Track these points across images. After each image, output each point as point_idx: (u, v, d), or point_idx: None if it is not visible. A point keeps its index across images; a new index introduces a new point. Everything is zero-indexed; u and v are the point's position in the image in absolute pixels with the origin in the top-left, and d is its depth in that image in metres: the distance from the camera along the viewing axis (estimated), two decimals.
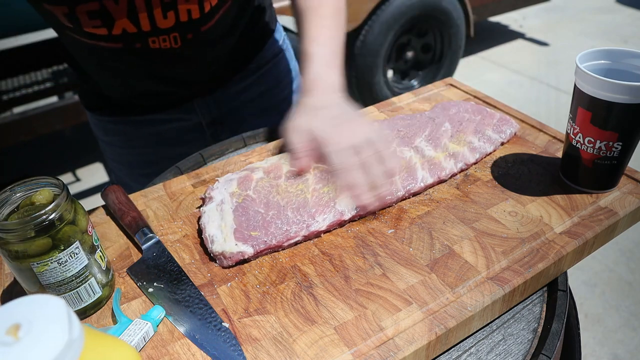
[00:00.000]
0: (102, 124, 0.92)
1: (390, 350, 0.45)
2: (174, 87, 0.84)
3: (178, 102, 0.88)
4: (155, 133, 0.90)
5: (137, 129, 0.90)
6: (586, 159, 0.60)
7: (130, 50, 0.73)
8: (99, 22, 0.67)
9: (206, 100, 0.89)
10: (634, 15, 4.12)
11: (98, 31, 0.69)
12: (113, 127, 0.91)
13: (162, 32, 0.71)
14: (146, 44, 0.72)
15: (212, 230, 0.56)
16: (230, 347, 0.46)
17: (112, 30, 0.69)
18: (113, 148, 0.95)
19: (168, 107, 0.88)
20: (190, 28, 0.73)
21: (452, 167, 0.65)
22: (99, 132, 0.94)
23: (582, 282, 1.82)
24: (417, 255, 0.54)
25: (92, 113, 0.92)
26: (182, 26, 0.72)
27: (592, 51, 0.61)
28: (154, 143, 0.91)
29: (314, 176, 0.64)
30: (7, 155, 2.75)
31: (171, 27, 0.71)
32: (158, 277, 0.54)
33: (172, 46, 0.74)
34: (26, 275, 0.46)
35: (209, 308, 0.50)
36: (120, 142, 0.93)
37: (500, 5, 3.21)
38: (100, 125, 0.92)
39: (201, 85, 0.87)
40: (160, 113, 0.88)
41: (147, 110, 0.88)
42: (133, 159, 0.94)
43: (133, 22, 0.69)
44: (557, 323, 0.51)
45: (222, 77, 0.88)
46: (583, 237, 0.55)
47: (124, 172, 0.97)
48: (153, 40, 0.72)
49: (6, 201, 0.47)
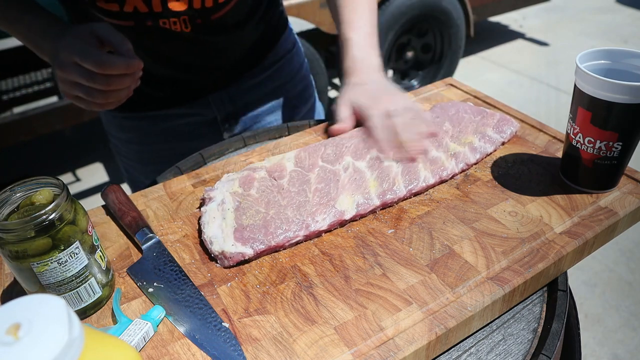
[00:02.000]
0: (117, 120, 0.92)
1: (390, 350, 0.45)
2: (185, 74, 0.85)
3: (192, 96, 0.89)
4: (171, 128, 0.91)
5: (151, 124, 0.90)
6: (586, 159, 0.60)
7: (142, 30, 0.74)
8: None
9: (220, 95, 0.90)
10: (634, 15, 4.12)
11: (110, 7, 0.70)
12: (128, 123, 0.92)
13: (173, 15, 0.73)
14: (156, 24, 0.73)
15: (212, 230, 0.56)
16: (230, 347, 0.46)
17: (124, 7, 0.70)
18: (127, 145, 0.95)
19: (182, 101, 0.89)
20: (200, 14, 0.75)
21: (454, 167, 0.66)
22: (113, 129, 0.95)
23: (582, 282, 1.82)
24: (417, 255, 0.54)
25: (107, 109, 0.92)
26: (194, 12, 0.74)
27: (592, 51, 0.61)
28: (170, 138, 0.92)
29: (316, 176, 0.64)
30: (7, 155, 2.75)
31: (183, 11, 0.73)
32: (158, 277, 0.54)
33: (182, 30, 0.75)
34: (26, 275, 0.46)
35: (209, 308, 0.50)
36: (135, 138, 0.93)
37: (500, 5, 3.21)
38: (115, 122, 0.93)
39: (215, 76, 0.88)
40: (175, 108, 0.89)
41: (162, 105, 0.88)
42: (147, 155, 0.94)
43: (145, 1, 0.70)
44: (557, 323, 0.51)
45: (236, 70, 0.89)
46: (583, 237, 0.55)
47: (138, 169, 0.98)
48: (164, 21, 0.73)
49: (6, 201, 0.47)
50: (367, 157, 0.67)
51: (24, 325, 0.27)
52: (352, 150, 0.68)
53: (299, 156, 0.68)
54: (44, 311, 0.27)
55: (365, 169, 0.65)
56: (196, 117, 0.91)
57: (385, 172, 0.64)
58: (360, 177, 0.64)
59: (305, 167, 0.66)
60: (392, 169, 0.65)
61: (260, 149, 0.75)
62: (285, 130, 0.84)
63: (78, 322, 0.28)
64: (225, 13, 0.77)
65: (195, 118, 0.91)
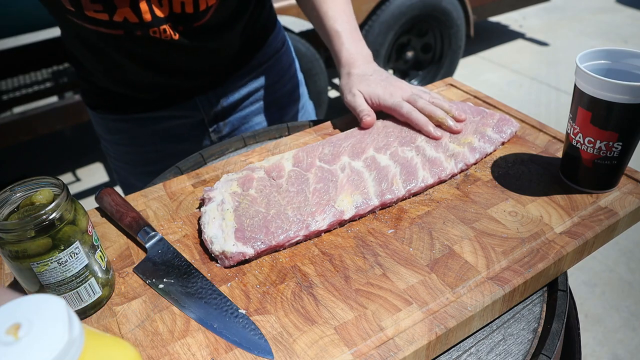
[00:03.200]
0: (105, 122, 0.92)
1: (390, 350, 0.45)
2: (175, 79, 0.85)
3: (180, 98, 0.88)
4: (158, 130, 0.90)
5: (140, 126, 0.90)
6: (586, 159, 0.60)
7: (132, 39, 0.73)
8: (100, 7, 0.68)
9: (208, 97, 0.89)
10: (634, 15, 4.12)
11: (99, 16, 0.69)
12: (116, 125, 0.91)
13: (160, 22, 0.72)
14: (146, 33, 0.73)
15: (212, 230, 0.56)
16: (250, 332, 0.47)
17: (114, 16, 0.70)
18: (116, 146, 0.95)
19: (170, 103, 0.88)
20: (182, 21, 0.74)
21: (453, 167, 0.66)
22: (101, 130, 0.94)
23: (582, 282, 1.82)
24: (417, 255, 0.54)
25: (95, 111, 0.92)
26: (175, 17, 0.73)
27: (592, 51, 0.61)
28: (157, 140, 0.91)
29: (314, 175, 0.64)
30: (7, 155, 2.75)
31: (166, 17, 0.72)
32: (167, 273, 0.54)
33: (172, 37, 0.74)
34: (26, 275, 0.46)
35: (223, 297, 0.50)
36: (124, 140, 0.93)
37: (500, 5, 3.21)
38: (103, 123, 0.92)
39: (202, 79, 0.87)
40: (163, 110, 0.89)
41: (150, 107, 0.88)
42: (136, 157, 0.94)
43: (134, 12, 0.70)
44: (557, 323, 0.51)
45: (224, 72, 0.89)
46: (583, 237, 0.55)
47: (128, 170, 0.98)
48: (154, 30, 0.73)
49: (6, 201, 0.47)
50: (363, 157, 0.67)
51: (24, 325, 0.27)
52: (348, 150, 0.68)
53: (297, 156, 0.68)
54: (44, 311, 0.27)
55: (362, 169, 0.65)
56: (184, 119, 0.90)
57: (384, 172, 0.64)
58: (359, 177, 0.64)
59: (303, 167, 0.66)
60: (390, 169, 0.65)
61: (260, 149, 0.75)
62: (285, 130, 0.84)
63: (78, 322, 0.28)
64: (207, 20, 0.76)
65: (183, 120, 0.91)
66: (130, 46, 0.75)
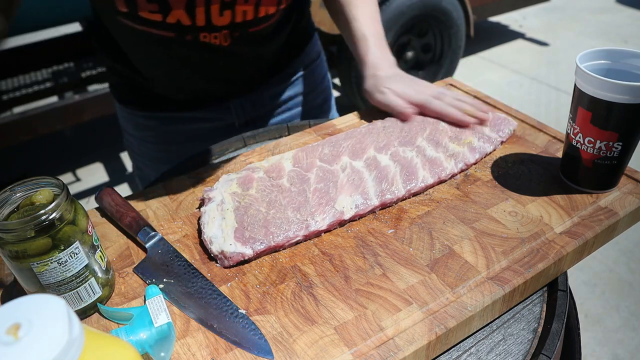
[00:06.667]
0: (133, 117, 0.92)
1: (390, 350, 0.45)
2: (214, 83, 0.85)
3: (214, 101, 0.89)
4: (186, 131, 0.91)
5: (168, 125, 0.90)
6: (586, 159, 0.60)
7: (181, 42, 0.74)
8: (156, 7, 0.68)
9: (242, 101, 0.90)
10: (634, 15, 4.12)
11: (153, 17, 0.70)
12: (144, 122, 0.91)
13: (215, 29, 0.73)
14: (197, 38, 0.74)
15: (212, 230, 0.56)
16: (250, 332, 0.47)
17: (167, 18, 0.70)
18: (141, 143, 0.95)
19: (204, 105, 0.89)
20: (240, 28, 0.75)
21: (453, 167, 0.66)
22: (128, 126, 0.95)
23: (582, 282, 1.82)
24: (417, 255, 0.54)
25: (124, 106, 0.92)
26: (235, 26, 0.74)
27: (592, 51, 0.61)
28: (185, 140, 0.92)
29: (314, 176, 0.64)
30: (7, 155, 2.75)
31: (225, 26, 0.74)
32: (167, 273, 0.54)
33: (221, 43, 0.75)
34: (26, 275, 0.46)
35: (223, 297, 0.50)
36: (150, 137, 0.93)
37: (500, 5, 3.21)
38: (131, 119, 0.93)
39: (240, 84, 0.88)
40: (194, 111, 0.89)
41: (183, 108, 0.88)
42: (161, 155, 0.94)
43: (189, 14, 0.70)
44: (557, 323, 0.51)
45: (262, 78, 0.90)
46: (583, 237, 0.55)
47: (150, 167, 0.98)
48: (204, 35, 0.74)
49: (6, 201, 0.47)
50: (364, 157, 0.67)
51: (24, 325, 0.27)
52: (348, 150, 0.68)
53: (297, 156, 0.68)
54: (44, 311, 0.27)
55: (363, 169, 0.65)
56: (215, 121, 0.91)
57: (384, 172, 0.64)
58: (359, 177, 0.64)
59: (303, 167, 0.66)
60: (390, 169, 0.65)
61: (260, 149, 0.75)
62: (285, 131, 0.84)
63: (78, 322, 0.28)
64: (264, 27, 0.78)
65: (215, 123, 0.91)
66: (177, 49, 0.76)
